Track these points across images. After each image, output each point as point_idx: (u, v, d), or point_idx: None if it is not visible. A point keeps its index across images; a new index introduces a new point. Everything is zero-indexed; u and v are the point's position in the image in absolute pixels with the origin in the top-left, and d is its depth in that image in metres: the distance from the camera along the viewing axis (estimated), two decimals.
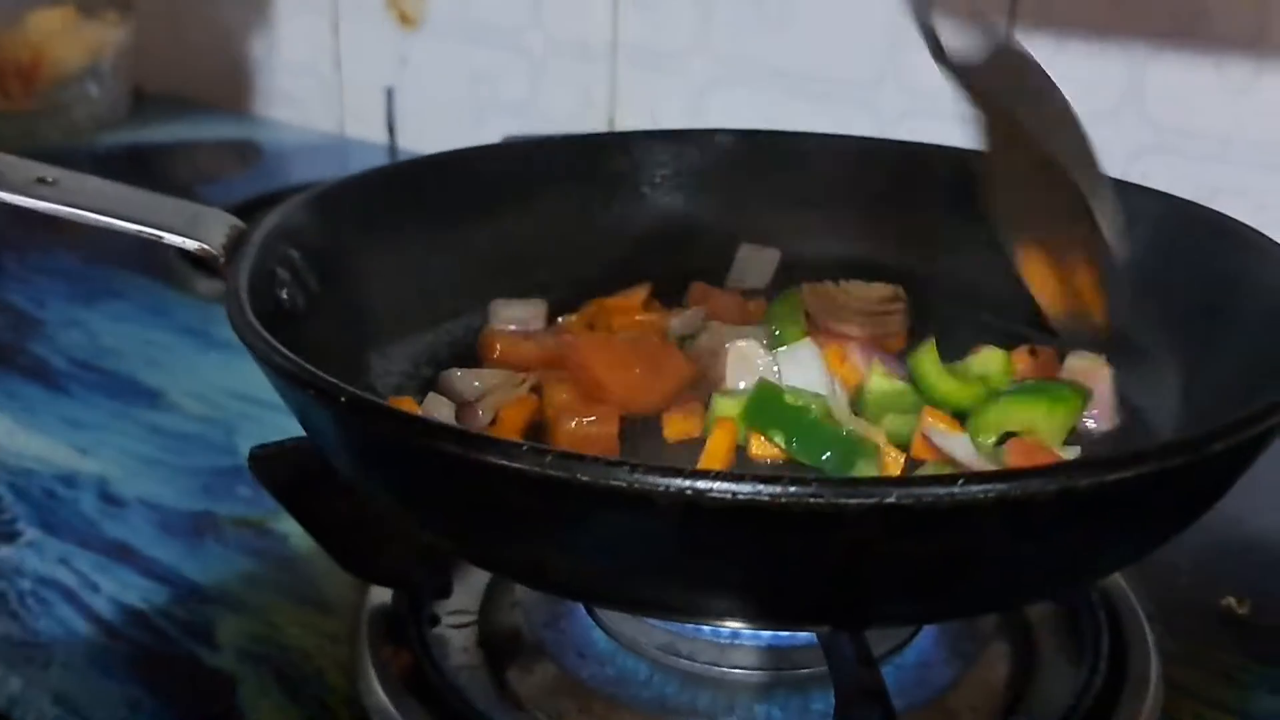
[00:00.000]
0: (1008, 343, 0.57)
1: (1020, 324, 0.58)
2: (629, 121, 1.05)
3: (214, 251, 0.46)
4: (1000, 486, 0.31)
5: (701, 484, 0.31)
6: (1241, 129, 0.77)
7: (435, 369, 0.56)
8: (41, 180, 0.46)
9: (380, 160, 1.17)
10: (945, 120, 0.52)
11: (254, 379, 0.39)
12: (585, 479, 0.31)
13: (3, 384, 0.73)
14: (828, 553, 0.33)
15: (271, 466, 0.50)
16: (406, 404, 0.52)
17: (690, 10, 0.98)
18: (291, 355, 0.37)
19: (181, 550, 0.56)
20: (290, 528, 0.54)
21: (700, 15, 0.98)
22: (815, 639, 0.44)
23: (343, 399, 0.35)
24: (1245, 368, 0.46)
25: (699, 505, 0.31)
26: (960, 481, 0.31)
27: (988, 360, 0.56)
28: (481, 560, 0.42)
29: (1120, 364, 0.53)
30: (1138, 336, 0.53)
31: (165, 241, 0.46)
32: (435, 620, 0.51)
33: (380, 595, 0.51)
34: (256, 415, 0.68)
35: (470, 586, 0.53)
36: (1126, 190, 0.56)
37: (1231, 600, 0.54)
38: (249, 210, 0.47)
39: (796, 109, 0.95)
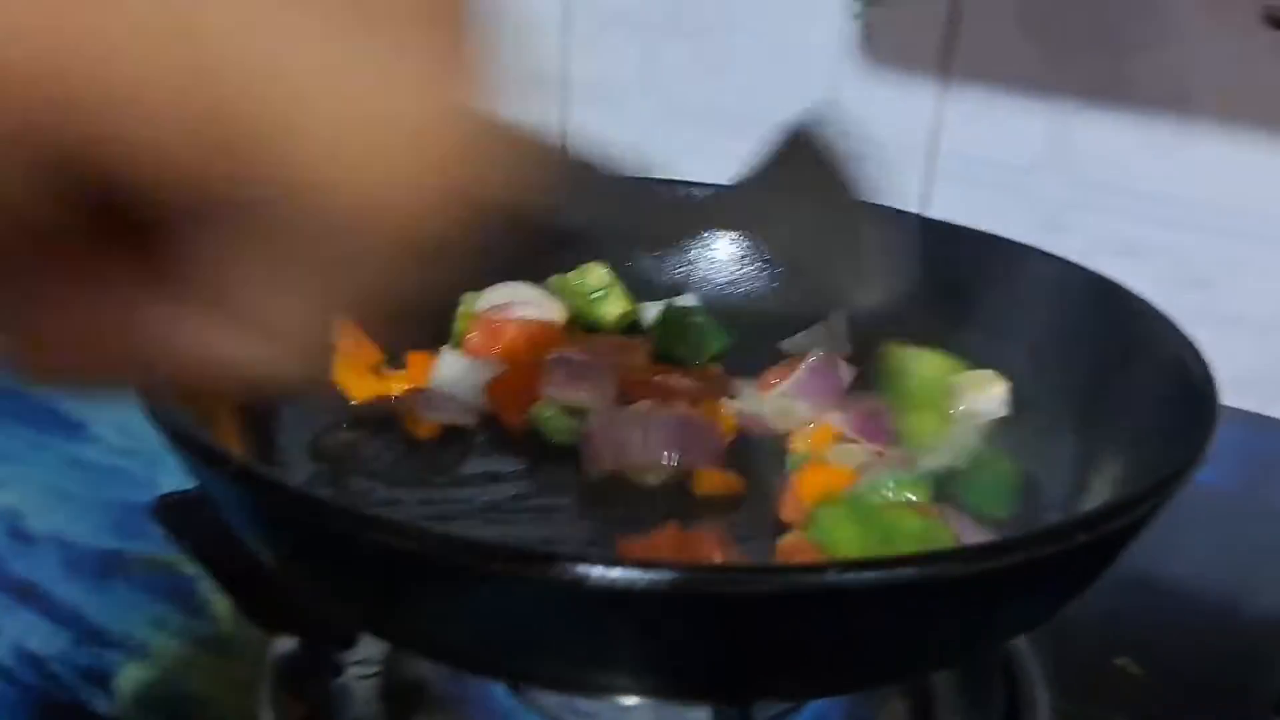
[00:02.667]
0: None
1: None
2: None
3: None
4: (870, 575, 0.32)
5: (582, 570, 0.31)
6: (1165, 187, 0.79)
7: None
8: None
9: None
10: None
11: None
12: (468, 563, 0.32)
13: None
14: (709, 635, 0.34)
15: (178, 515, 0.50)
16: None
17: (637, 50, 0.99)
18: (180, 413, 0.37)
19: (88, 590, 0.56)
20: (200, 570, 0.53)
21: (645, 56, 0.98)
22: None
23: (230, 466, 0.35)
24: (1136, 440, 0.47)
25: (581, 589, 0.32)
26: (832, 569, 0.32)
27: None
28: (372, 631, 0.43)
29: (1019, 431, 0.54)
30: (1036, 402, 0.54)
31: None
32: (339, 670, 0.51)
33: (286, 643, 0.51)
34: None
35: None
36: (1031, 255, 0.57)
37: (1126, 660, 0.55)
38: None
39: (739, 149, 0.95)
